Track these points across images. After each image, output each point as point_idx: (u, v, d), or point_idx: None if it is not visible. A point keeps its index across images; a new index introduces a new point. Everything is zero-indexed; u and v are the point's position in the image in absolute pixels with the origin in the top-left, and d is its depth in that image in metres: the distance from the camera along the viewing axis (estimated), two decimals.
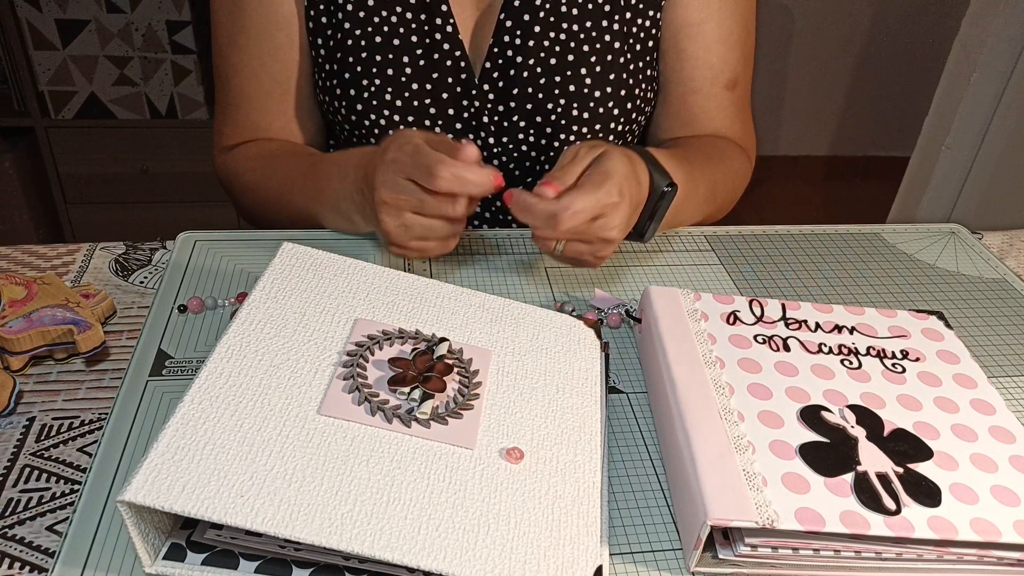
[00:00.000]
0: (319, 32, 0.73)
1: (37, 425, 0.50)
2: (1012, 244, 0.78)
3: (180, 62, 1.76)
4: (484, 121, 0.75)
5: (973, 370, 0.54)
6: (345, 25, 0.72)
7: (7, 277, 0.57)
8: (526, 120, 0.75)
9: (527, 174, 0.78)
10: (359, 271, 0.55)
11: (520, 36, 0.72)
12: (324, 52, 0.74)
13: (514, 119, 0.75)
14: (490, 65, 0.73)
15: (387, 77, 0.72)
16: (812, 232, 0.76)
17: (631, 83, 0.76)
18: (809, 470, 0.44)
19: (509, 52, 0.73)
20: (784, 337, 0.55)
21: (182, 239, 0.67)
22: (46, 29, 1.69)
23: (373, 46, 0.72)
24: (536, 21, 0.72)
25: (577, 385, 0.52)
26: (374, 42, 0.72)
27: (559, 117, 0.74)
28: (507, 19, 0.72)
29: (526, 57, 0.73)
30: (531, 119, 0.75)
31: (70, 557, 0.41)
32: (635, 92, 0.77)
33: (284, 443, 0.42)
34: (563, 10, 0.72)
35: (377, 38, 0.72)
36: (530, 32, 0.72)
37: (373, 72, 0.72)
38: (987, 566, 0.44)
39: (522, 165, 0.77)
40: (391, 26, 0.72)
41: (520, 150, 0.76)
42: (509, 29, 0.72)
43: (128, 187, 1.89)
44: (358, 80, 0.73)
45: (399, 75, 0.72)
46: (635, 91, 0.77)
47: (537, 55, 0.73)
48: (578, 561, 0.41)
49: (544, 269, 0.67)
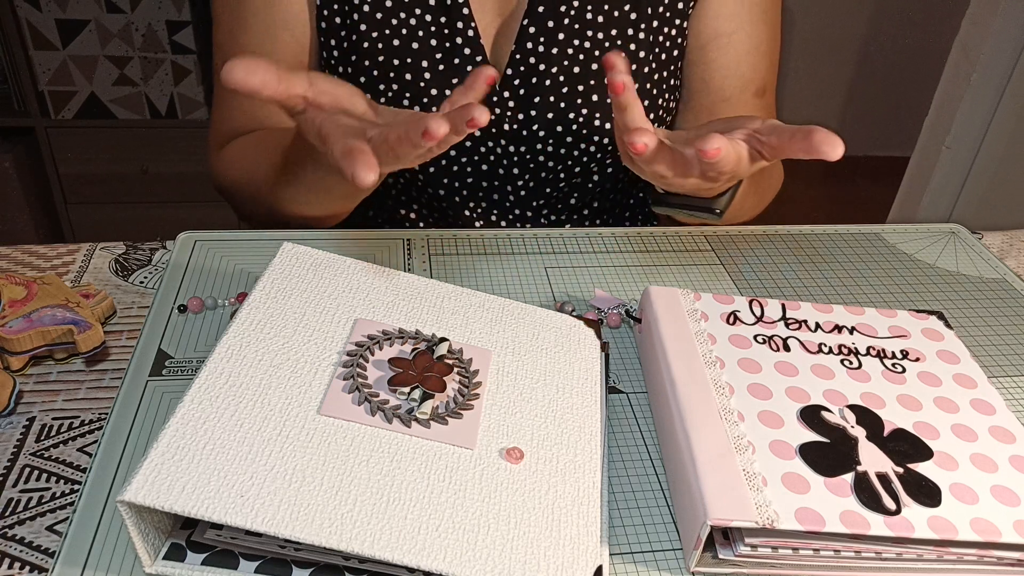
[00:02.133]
0: (332, 33, 0.72)
1: (37, 425, 0.50)
2: (1012, 244, 0.78)
3: (180, 62, 1.76)
4: (504, 129, 0.74)
5: (973, 370, 0.54)
6: (361, 27, 0.70)
7: (7, 277, 0.57)
8: (546, 129, 0.73)
9: (544, 184, 0.77)
10: (359, 271, 0.55)
11: (544, 43, 0.71)
12: (338, 54, 0.72)
13: (534, 128, 0.73)
14: (512, 72, 0.72)
15: (405, 82, 0.71)
16: (812, 232, 0.76)
17: (655, 93, 0.75)
18: (809, 470, 0.44)
19: (532, 59, 0.71)
20: (784, 337, 0.55)
21: (182, 239, 0.67)
22: (46, 29, 1.69)
23: (391, 49, 0.70)
24: (560, 28, 0.71)
25: (577, 385, 0.52)
26: (392, 45, 0.70)
27: (580, 127, 0.73)
28: (530, 25, 0.71)
29: (549, 65, 0.71)
30: (552, 128, 0.73)
31: (70, 557, 0.41)
32: (658, 102, 0.76)
33: (284, 443, 0.42)
34: (588, 18, 0.71)
35: (395, 41, 0.70)
36: (554, 39, 0.71)
37: (391, 76, 0.71)
38: (987, 566, 0.44)
39: (538, 175, 0.76)
40: (410, 29, 0.70)
41: (538, 160, 0.75)
42: (532, 36, 0.71)
43: (128, 187, 1.89)
44: (374, 84, 0.71)
45: (418, 80, 0.71)
46: (658, 101, 0.76)
47: (560, 63, 0.71)
48: (578, 561, 0.41)
49: (544, 269, 0.67)
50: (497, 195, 0.78)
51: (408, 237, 0.69)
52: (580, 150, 0.74)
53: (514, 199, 0.78)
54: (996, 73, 1.67)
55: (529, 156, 0.75)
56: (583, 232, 0.73)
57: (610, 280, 0.67)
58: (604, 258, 0.69)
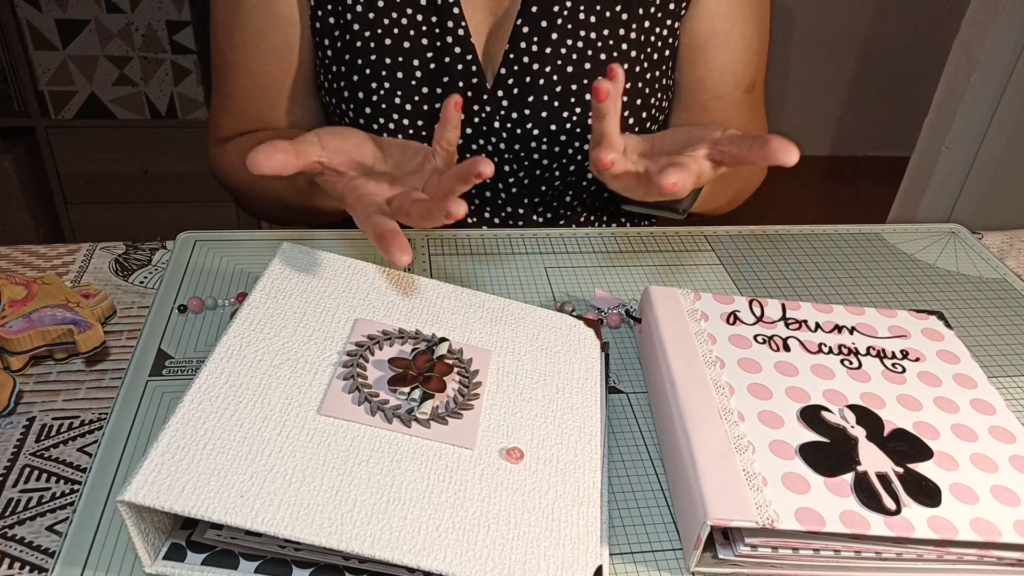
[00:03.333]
0: (326, 33, 0.73)
1: (37, 425, 0.50)
2: (1012, 244, 0.78)
3: (180, 62, 1.76)
4: (496, 127, 0.74)
5: (973, 370, 0.54)
6: (354, 26, 0.71)
7: (7, 277, 0.57)
8: (540, 128, 0.74)
9: (538, 183, 0.77)
10: (359, 271, 0.55)
11: (537, 43, 0.71)
12: (331, 53, 0.73)
13: (528, 126, 0.74)
14: (505, 71, 0.72)
15: (397, 80, 0.72)
16: (812, 232, 0.76)
17: (647, 92, 0.75)
18: (809, 470, 0.44)
19: (525, 59, 0.72)
20: (784, 337, 0.55)
21: (182, 239, 0.67)
22: (46, 29, 1.69)
23: (383, 48, 0.71)
24: (554, 28, 0.71)
25: (577, 385, 0.52)
26: (384, 44, 0.71)
27: (574, 126, 0.73)
28: (524, 25, 0.71)
29: (543, 64, 0.72)
30: (545, 127, 0.74)
31: (70, 557, 0.41)
32: (651, 101, 0.76)
33: (284, 443, 0.42)
34: (581, 18, 0.72)
35: (387, 40, 0.71)
36: (547, 39, 0.71)
37: (383, 75, 0.72)
38: (987, 566, 0.44)
39: (532, 174, 0.77)
40: (401, 28, 0.71)
41: (532, 159, 0.76)
42: (526, 35, 0.71)
43: (128, 187, 1.89)
44: (367, 83, 0.72)
45: (409, 78, 0.72)
46: (651, 100, 0.76)
47: (554, 62, 0.72)
48: (578, 561, 0.41)
49: (544, 269, 0.67)
50: (490, 192, 0.78)
51: (408, 237, 0.69)
52: (574, 148, 0.74)
53: (506, 196, 0.78)
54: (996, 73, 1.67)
55: (524, 154, 0.75)
56: (583, 232, 0.73)
57: (610, 280, 0.67)
58: (604, 258, 0.69)
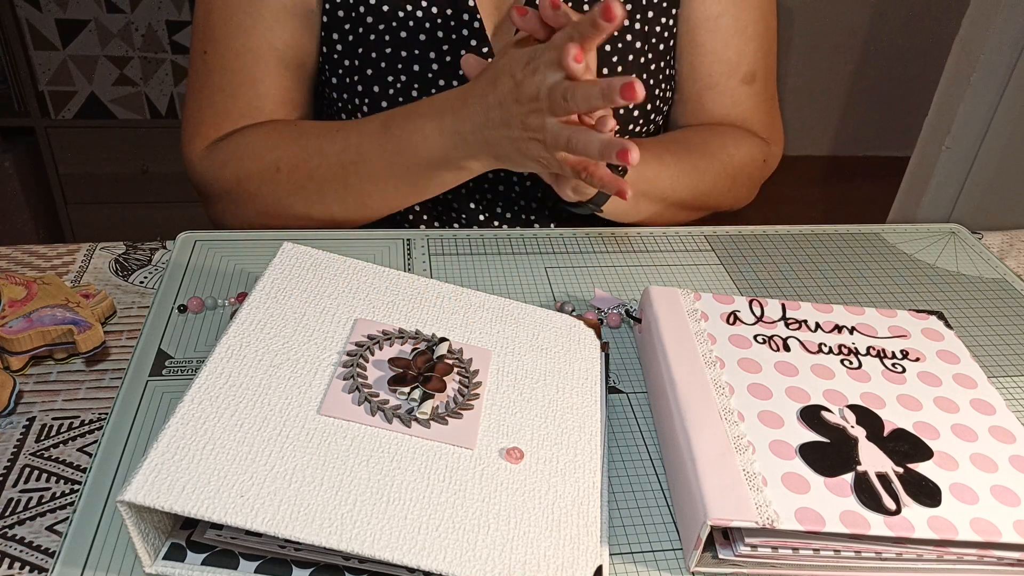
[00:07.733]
0: (336, 27, 0.72)
1: (37, 425, 0.50)
2: (1012, 244, 0.78)
3: (180, 62, 1.77)
4: None
5: (973, 370, 0.54)
6: (368, 19, 0.71)
7: (7, 277, 0.57)
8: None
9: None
10: (359, 271, 0.55)
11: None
12: (342, 48, 0.73)
13: None
14: None
15: (413, 73, 0.72)
16: (812, 232, 0.76)
17: (651, 83, 0.76)
18: (809, 470, 0.44)
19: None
20: (784, 337, 0.55)
21: (182, 239, 0.67)
22: (46, 29, 1.69)
23: (398, 41, 0.72)
24: None
25: (577, 385, 0.52)
26: (399, 37, 0.72)
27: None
28: None
29: None
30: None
31: (70, 557, 0.41)
32: (655, 92, 0.76)
33: (284, 443, 0.42)
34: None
35: (402, 33, 0.71)
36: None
37: (398, 68, 0.72)
38: (987, 566, 0.44)
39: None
40: (417, 21, 0.71)
41: None
42: None
43: (128, 187, 1.89)
44: (383, 76, 0.72)
45: (425, 71, 0.72)
46: (655, 91, 0.76)
47: None
48: (578, 561, 0.41)
49: (544, 269, 0.67)
50: (503, 186, 0.78)
51: (408, 237, 0.69)
52: None
53: (519, 190, 0.78)
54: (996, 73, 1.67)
55: None
56: (583, 232, 0.73)
57: (610, 280, 0.67)
58: (604, 258, 0.69)
